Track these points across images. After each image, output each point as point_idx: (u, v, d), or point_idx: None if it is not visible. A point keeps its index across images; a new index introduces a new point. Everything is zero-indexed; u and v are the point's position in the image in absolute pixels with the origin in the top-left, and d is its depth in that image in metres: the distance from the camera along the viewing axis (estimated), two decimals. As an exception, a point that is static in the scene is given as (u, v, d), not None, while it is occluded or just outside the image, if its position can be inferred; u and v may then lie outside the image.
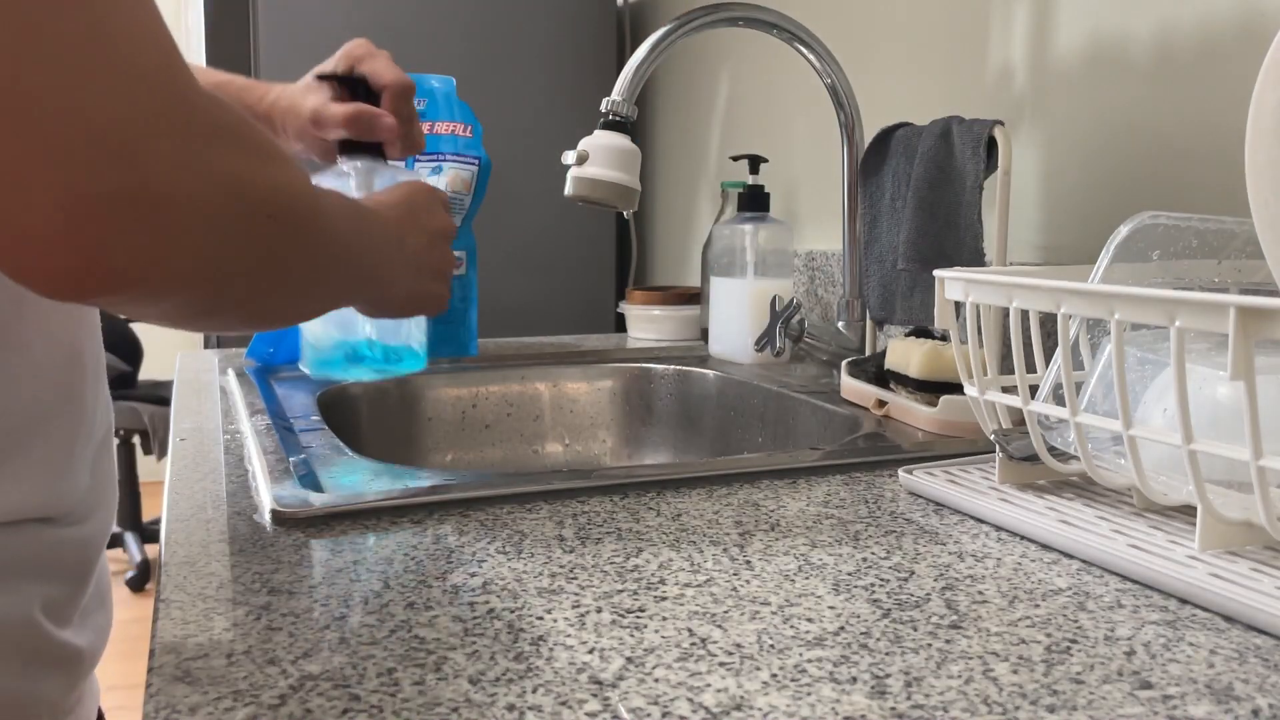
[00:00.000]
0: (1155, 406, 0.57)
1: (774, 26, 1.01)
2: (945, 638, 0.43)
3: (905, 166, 0.94)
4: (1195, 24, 0.82)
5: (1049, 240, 0.98)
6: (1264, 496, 0.46)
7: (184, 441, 0.80)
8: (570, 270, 1.77)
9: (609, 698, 0.38)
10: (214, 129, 0.42)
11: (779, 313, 1.03)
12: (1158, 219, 0.61)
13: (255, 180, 0.44)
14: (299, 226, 0.49)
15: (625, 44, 1.83)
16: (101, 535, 0.60)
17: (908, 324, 0.96)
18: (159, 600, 0.48)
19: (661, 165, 1.85)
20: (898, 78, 1.18)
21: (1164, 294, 0.48)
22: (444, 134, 1.21)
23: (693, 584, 0.49)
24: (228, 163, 0.42)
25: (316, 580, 0.50)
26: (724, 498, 0.64)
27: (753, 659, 0.41)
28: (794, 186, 1.41)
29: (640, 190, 0.96)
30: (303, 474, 0.68)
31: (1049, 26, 0.96)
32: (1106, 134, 0.91)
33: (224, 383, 1.06)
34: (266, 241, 0.46)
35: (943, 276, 0.64)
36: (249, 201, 0.44)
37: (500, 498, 0.63)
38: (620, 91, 0.94)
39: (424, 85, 1.21)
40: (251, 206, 0.45)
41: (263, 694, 0.38)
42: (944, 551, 0.54)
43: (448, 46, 1.65)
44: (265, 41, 1.57)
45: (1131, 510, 0.58)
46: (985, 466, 0.67)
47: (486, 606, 0.46)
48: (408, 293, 0.66)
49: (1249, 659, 0.41)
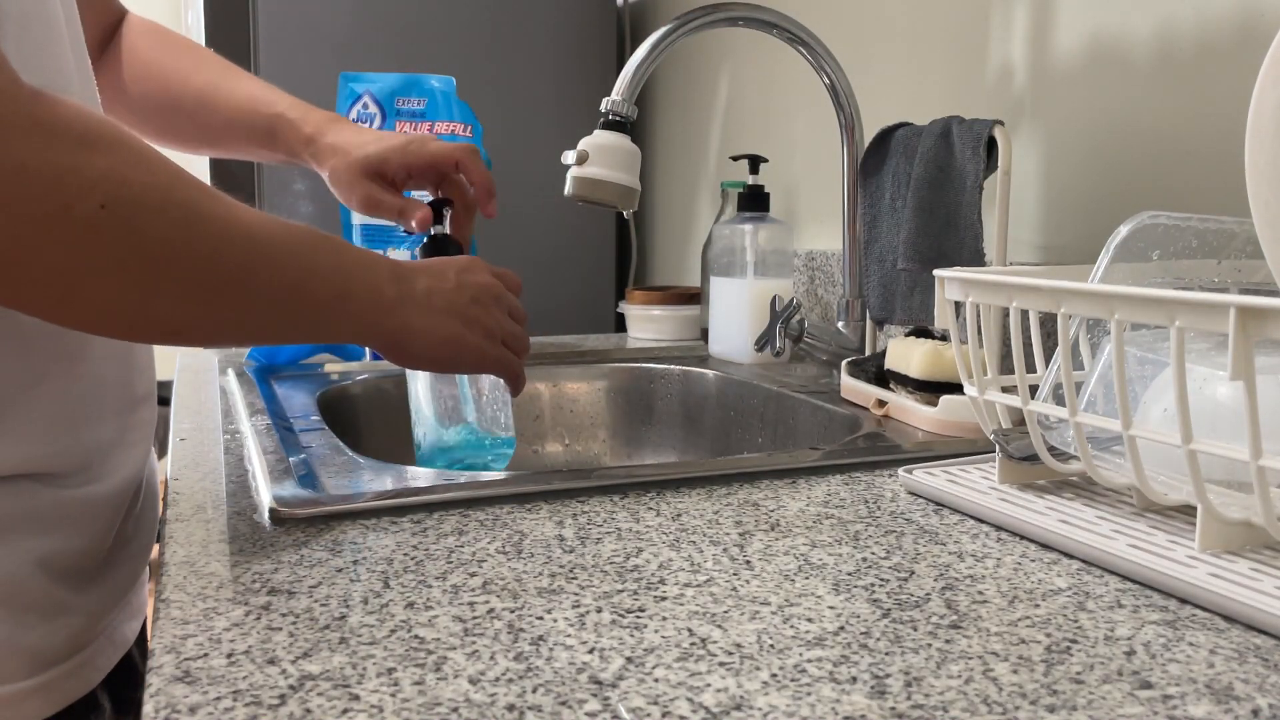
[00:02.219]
0: (1155, 406, 0.57)
1: (774, 26, 1.01)
2: (945, 638, 0.43)
3: (905, 166, 0.94)
4: (1195, 24, 0.82)
5: (1049, 240, 0.98)
6: (1264, 496, 0.46)
7: (184, 441, 0.80)
8: (570, 270, 1.77)
9: (609, 698, 0.38)
10: (20, 121, 0.42)
11: (779, 313, 1.03)
12: (1158, 219, 0.61)
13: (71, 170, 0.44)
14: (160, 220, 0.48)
15: (625, 44, 1.83)
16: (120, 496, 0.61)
17: (908, 324, 0.96)
18: (159, 600, 0.48)
19: (661, 165, 1.85)
20: (898, 78, 1.18)
21: (1164, 294, 0.48)
22: (444, 134, 1.21)
23: (693, 584, 0.49)
24: (18, 154, 0.42)
25: (316, 580, 0.50)
26: (724, 498, 0.64)
27: (753, 659, 0.41)
28: (794, 186, 1.41)
29: (640, 190, 0.96)
30: (302, 474, 0.68)
31: (1049, 26, 0.96)
32: (1106, 134, 0.91)
33: (224, 383, 1.06)
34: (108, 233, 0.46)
35: (943, 276, 0.64)
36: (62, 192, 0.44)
37: (500, 498, 0.63)
38: (620, 91, 0.94)
39: (424, 85, 1.21)
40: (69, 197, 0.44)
41: (263, 694, 0.38)
42: (944, 551, 0.54)
43: (448, 46, 1.65)
44: (265, 41, 1.57)
45: (1131, 510, 0.58)
46: (985, 466, 0.67)
47: (486, 606, 0.46)
48: (425, 335, 0.64)
49: (1249, 659, 0.41)
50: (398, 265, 0.64)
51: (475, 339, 0.67)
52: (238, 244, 0.52)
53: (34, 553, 0.54)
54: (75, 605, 0.58)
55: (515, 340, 0.71)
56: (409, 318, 0.63)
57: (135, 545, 0.66)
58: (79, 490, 0.58)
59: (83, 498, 0.58)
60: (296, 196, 1.58)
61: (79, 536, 0.58)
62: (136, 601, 0.67)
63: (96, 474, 0.59)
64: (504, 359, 0.70)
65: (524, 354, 0.73)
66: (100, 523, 0.60)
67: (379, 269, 0.62)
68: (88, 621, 0.59)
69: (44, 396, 0.55)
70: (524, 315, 0.74)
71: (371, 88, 1.20)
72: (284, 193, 1.58)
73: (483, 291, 0.69)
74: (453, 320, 0.66)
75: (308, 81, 1.52)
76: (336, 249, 0.60)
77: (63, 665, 0.57)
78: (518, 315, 0.73)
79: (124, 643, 0.64)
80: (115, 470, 0.61)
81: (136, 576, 0.66)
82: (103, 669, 0.60)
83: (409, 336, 0.64)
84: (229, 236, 0.52)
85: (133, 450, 0.63)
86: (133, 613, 0.66)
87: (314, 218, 1.57)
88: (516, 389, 0.74)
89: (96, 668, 0.60)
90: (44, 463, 0.56)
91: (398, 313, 0.63)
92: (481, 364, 0.69)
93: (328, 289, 0.58)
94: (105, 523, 0.60)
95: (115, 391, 0.62)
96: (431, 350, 0.66)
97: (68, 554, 0.57)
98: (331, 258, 0.59)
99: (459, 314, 0.66)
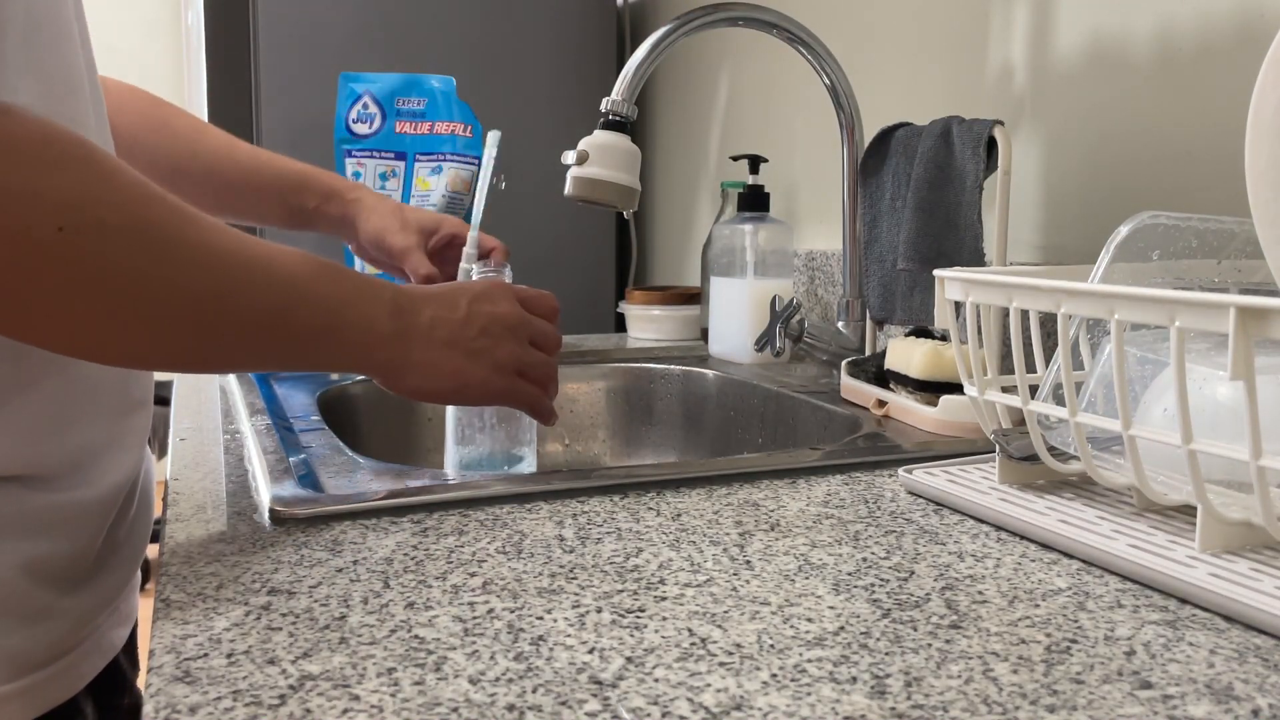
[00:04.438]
0: (1155, 406, 0.57)
1: (774, 26, 1.01)
2: (945, 638, 0.43)
3: (905, 166, 0.94)
4: (1195, 24, 0.82)
5: (1049, 240, 0.98)
6: (1264, 496, 0.46)
7: (184, 441, 0.80)
8: (570, 270, 1.77)
9: (609, 698, 0.38)
10: None
11: (779, 313, 1.03)
12: (1158, 219, 0.61)
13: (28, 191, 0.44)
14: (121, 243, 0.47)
15: (625, 44, 1.83)
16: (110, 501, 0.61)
17: (908, 324, 0.96)
18: (159, 600, 0.48)
19: (661, 165, 1.85)
20: (898, 78, 1.18)
21: (1164, 294, 0.48)
22: (444, 134, 1.21)
23: (693, 584, 0.49)
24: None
25: (316, 580, 0.50)
26: (724, 498, 0.64)
27: (753, 659, 0.41)
28: (794, 186, 1.41)
29: (640, 190, 0.96)
30: (302, 474, 0.68)
31: (1049, 26, 0.96)
32: (1106, 134, 0.91)
33: (224, 383, 1.06)
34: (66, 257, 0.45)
35: (943, 276, 0.64)
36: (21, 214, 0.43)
37: (500, 498, 0.63)
38: (620, 91, 0.94)
39: (424, 85, 1.21)
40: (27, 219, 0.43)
41: (263, 694, 0.38)
42: (944, 551, 0.54)
43: (448, 46, 1.65)
44: (265, 41, 1.57)
45: (1131, 510, 0.58)
46: (985, 466, 0.67)
47: (486, 606, 0.46)
48: (424, 369, 0.63)
49: (1249, 659, 0.41)
50: (403, 294, 0.63)
51: (480, 372, 0.65)
52: (210, 270, 0.51)
53: (19, 556, 0.53)
54: (60, 609, 0.57)
55: (536, 369, 0.69)
56: (407, 351, 0.62)
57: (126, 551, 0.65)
58: (68, 494, 0.57)
59: (72, 501, 0.57)
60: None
61: (66, 540, 0.57)
62: (125, 607, 0.66)
63: (86, 478, 0.58)
64: (516, 391, 0.68)
65: (549, 382, 0.71)
66: (89, 527, 0.59)
67: (379, 300, 0.61)
68: (73, 626, 0.58)
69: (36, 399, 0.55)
70: (556, 342, 0.72)
71: (371, 88, 1.20)
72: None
73: (494, 322, 0.67)
74: (455, 354, 0.64)
75: (308, 81, 1.52)
76: (335, 277, 0.58)
77: (45, 670, 0.56)
78: (545, 343, 0.70)
79: (111, 649, 0.63)
80: (106, 474, 0.60)
81: (126, 582, 0.65)
82: (87, 675, 0.59)
83: (406, 370, 0.62)
84: (200, 262, 0.50)
85: (125, 454, 0.63)
86: (121, 619, 0.65)
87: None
88: (542, 419, 0.72)
89: (80, 674, 0.59)
90: (32, 465, 0.55)
91: (393, 346, 0.61)
92: (487, 398, 0.67)
93: (314, 319, 0.57)
94: (94, 527, 0.59)
95: (109, 395, 0.61)
96: (431, 384, 0.64)
97: (54, 558, 0.56)
98: (324, 287, 0.57)
99: (464, 347, 0.65)
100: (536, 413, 0.71)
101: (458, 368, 0.64)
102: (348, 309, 0.59)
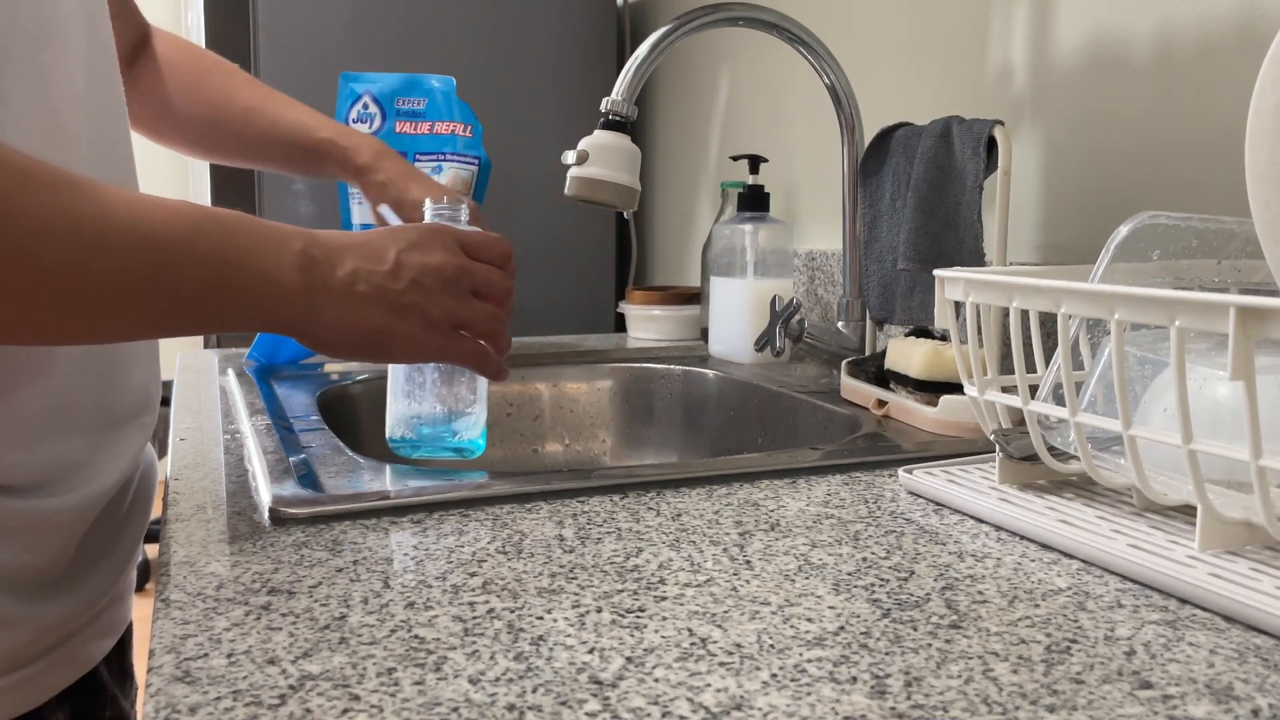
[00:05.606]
0: (1155, 406, 0.57)
1: (774, 26, 1.01)
2: (945, 638, 0.43)
3: (905, 166, 0.94)
4: (1195, 24, 0.82)
5: (1049, 240, 0.98)
6: (1264, 496, 0.46)
7: (184, 441, 0.80)
8: (570, 270, 1.77)
9: (609, 698, 0.38)
10: None
11: (779, 313, 1.03)
12: (1158, 219, 0.61)
13: None
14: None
15: (625, 44, 1.83)
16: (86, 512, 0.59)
17: (908, 324, 0.96)
18: (159, 600, 0.48)
19: (661, 165, 1.85)
20: (898, 78, 1.18)
21: (1164, 294, 0.48)
22: (444, 134, 1.21)
23: (693, 584, 0.49)
24: None
25: (316, 580, 0.50)
26: (724, 498, 0.64)
27: (753, 659, 0.41)
28: (794, 186, 1.41)
29: (640, 190, 0.96)
30: (303, 474, 0.68)
31: (1049, 26, 0.96)
32: (1106, 134, 0.91)
33: (224, 383, 1.06)
34: None
35: (943, 276, 0.64)
36: None
37: (500, 497, 0.63)
38: (620, 91, 0.94)
39: (424, 85, 1.21)
40: None
41: (263, 694, 0.38)
42: (944, 551, 0.54)
43: (448, 46, 1.65)
44: (265, 41, 1.57)
45: (1131, 510, 0.58)
46: (985, 466, 0.67)
47: (486, 606, 0.46)
48: (338, 326, 0.58)
49: (1249, 659, 0.41)
50: (318, 245, 0.58)
51: (408, 328, 0.61)
52: (61, 239, 0.47)
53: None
54: (22, 618, 0.55)
55: (479, 323, 0.64)
56: (317, 308, 0.57)
57: (109, 561, 0.63)
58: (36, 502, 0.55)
59: (39, 510, 0.55)
60: (296, 196, 1.58)
61: (31, 550, 0.55)
62: (110, 618, 0.64)
63: (57, 490, 0.56)
64: (451, 348, 0.64)
65: (496, 336, 0.66)
66: (58, 538, 0.57)
67: (285, 251, 0.56)
68: (35, 636, 0.56)
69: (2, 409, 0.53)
70: (505, 290, 0.66)
71: (371, 88, 1.20)
72: (284, 193, 1.58)
73: (426, 273, 0.61)
74: (378, 309, 0.59)
75: (308, 81, 1.52)
76: (230, 231, 0.54)
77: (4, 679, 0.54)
78: (491, 292, 0.66)
79: (87, 661, 0.60)
80: (81, 487, 0.58)
81: (107, 593, 0.63)
82: (53, 687, 0.57)
83: (318, 328, 0.58)
84: (48, 232, 0.46)
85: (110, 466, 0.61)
86: (103, 630, 0.63)
87: (314, 217, 1.57)
88: (489, 376, 0.67)
89: (46, 684, 0.57)
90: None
91: (299, 302, 0.56)
92: (418, 356, 0.63)
93: (196, 279, 0.52)
94: (64, 538, 0.57)
95: (87, 411, 0.59)
96: (350, 342, 0.59)
97: (16, 566, 0.54)
98: (207, 243, 0.52)
99: (390, 301, 0.60)
100: (481, 369, 0.67)
101: (381, 324, 0.59)
102: (242, 264, 0.54)
